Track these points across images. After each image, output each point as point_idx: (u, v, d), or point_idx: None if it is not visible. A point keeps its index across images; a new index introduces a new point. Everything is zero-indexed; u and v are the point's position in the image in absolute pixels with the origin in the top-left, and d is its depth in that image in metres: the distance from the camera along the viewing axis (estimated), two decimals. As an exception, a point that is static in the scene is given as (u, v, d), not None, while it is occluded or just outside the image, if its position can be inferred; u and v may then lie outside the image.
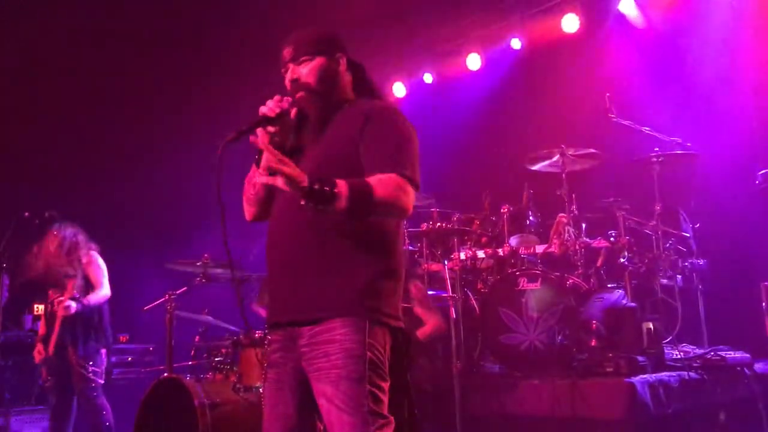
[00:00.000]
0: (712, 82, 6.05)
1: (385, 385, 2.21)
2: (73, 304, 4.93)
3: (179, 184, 7.20)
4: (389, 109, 2.37)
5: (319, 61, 2.38)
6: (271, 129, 2.31)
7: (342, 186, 2.05)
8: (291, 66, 2.40)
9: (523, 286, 4.84)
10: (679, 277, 5.28)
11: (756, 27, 5.87)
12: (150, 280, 6.31)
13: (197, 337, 5.41)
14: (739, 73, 5.90)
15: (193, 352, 5.33)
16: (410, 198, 2.21)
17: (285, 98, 2.33)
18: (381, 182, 2.13)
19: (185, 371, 5.13)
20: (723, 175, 5.69)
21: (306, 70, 2.37)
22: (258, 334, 4.31)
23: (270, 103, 2.30)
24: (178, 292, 5.07)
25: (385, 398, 2.20)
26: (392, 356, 2.25)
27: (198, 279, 5.17)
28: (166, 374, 4.57)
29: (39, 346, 5.10)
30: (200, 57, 7.07)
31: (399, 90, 8.18)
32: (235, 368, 4.56)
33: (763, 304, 4.46)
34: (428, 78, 8.07)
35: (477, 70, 7.65)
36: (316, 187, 2.02)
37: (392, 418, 2.19)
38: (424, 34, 7.33)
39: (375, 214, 2.15)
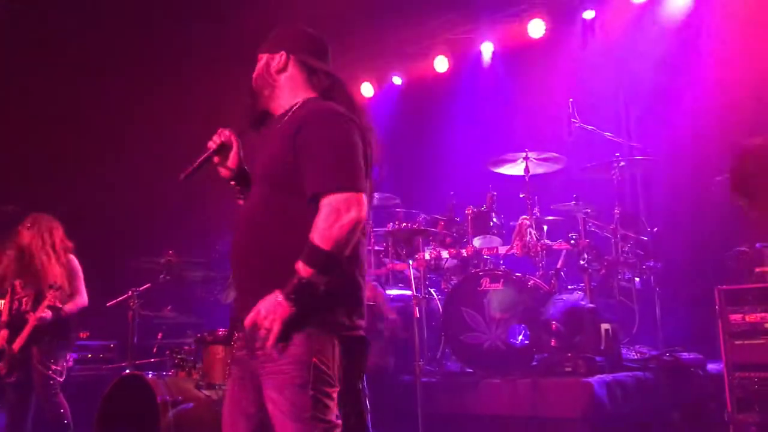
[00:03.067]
0: (673, 90, 6.21)
1: (333, 391, 2.22)
2: (49, 315, 4.85)
3: (140, 179, 7.13)
4: (321, 114, 2.32)
5: (261, 59, 2.45)
6: (216, 159, 2.49)
7: (301, 268, 2.14)
8: None
9: (485, 286, 4.91)
10: (636, 279, 5.41)
11: (719, 37, 6.01)
12: (111, 276, 6.24)
13: (160, 334, 5.38)
14: (701, 81, 6.05)
15: (155, 349, 5.30)
16: (352, 210, 2.18)
17: (223, 131, 2.48)
18: (321, 227, 2.16)
19: (147, 368, 5.09)
20: (681, 181, 5.85)
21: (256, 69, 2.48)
22: (221, 331, 4.30)
23: (214, 137, 2.48)
24: (141, 288, 5.03)
25: (332, 404, 2.21)
26: (346, 363, 2.26)
27: (162, 276, 5.13)
28: (128, 371, 4.54)
29: (3, 333, 5.00)
30: (163, 53, 7.01)
31: (367, 90, 8.22)
32: (198, 366, 4.54)
33: (716, 307, 4.58)
34: (397, 80, 8.12)
35: (445, 73, 7.73)
36: (292, 297, 2.13)
37: (339, 422, 2.21)
38: (392, 35, 7.36)
39: (343, 253, 2.18)
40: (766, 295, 4.37)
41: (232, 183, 2.53)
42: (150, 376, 4.32)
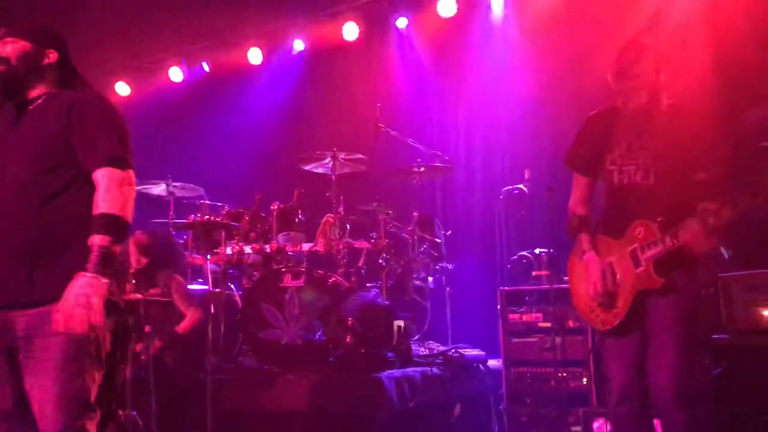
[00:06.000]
0: (472, 102, 6.60)
1: (99, 375, 2.23)
2: None
3: None
4: (92, 96, 2.50)
5: (24, 44, 2.52)
6: None
7: (98, 240, 2.20)
8: None
9: (287, 282, 4.92)
10: (430, 279, 5.70)
11: (522, 52, 6.44)
12: None
13: None
14: (504, 94, 6.45)
15: None
16: (131, 182, 2.38)
17: None
18: (107, 197, 2.28)
19: None
20: (473, 189, 6.25)
21: (9, 48, 2.50)
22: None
23: None
24: None
25: (95, 387, 2.22)
26: (112, 344, 2.30)
27: None
28: None
29: None
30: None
31: (175, 74, 7.88)
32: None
33: (498, 307, 4.96)
34: (206, 66, 7.87)
35: (258, 65, 7.62)
36: (101, 270, 2.16)
37: (99, 408, 2.22)
38: (204, 19, 7.12)
39: (130, 220, 2.33)
40: (542, 297, 4.81)
41: None
42: None
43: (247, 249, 5.56)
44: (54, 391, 2.12)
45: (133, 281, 4.14)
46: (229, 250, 5.48)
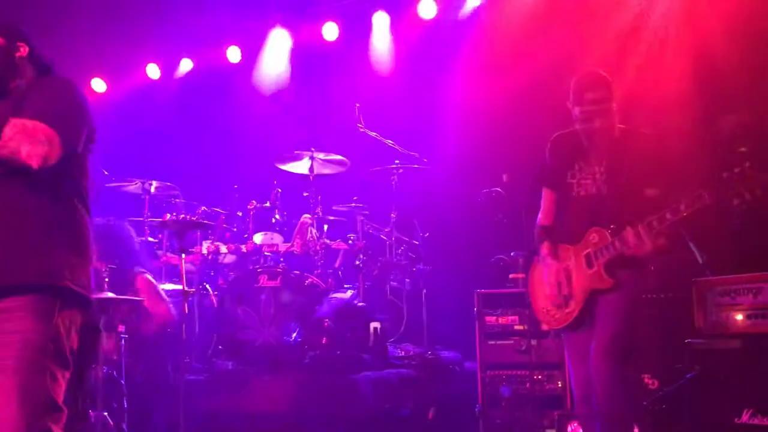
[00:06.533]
0: (450, 104, 6.60)
1: (65, 374, 2.18)
2: None
3: None
4: (53, 77, 2.49)
5: None
6: None
7: None
8: None
9: (263, 283, 4.89)
10: (407, 280, 5.69)
11: (499, 54, 6.43)
12: None
13: None
14: (469, 101, 6.47)
15: None
16: (51, 148, 2.17)
17: None
18: (21, 125, 2.13)
19: None
20: (451, 191, 6.23)
21: None
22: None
23: None
24: None
25: (61, 388, 2.16)
26: (80, 339, 2.25)
27: None
28: None
29: None
30: None
31: (153, 72, 7.78)
32: None
33: (475, 309, 4.95)
34: (187, 64, 7.79)
35: (237, 63, 7.56)
36: None
37: (65, 408, 2.16)
38: (182, 17, 7.03)
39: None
40: (518, 299, 4.80)
41: None
42: None
43: (223, 249, 5.53)
44: (15, 390, 2.05)
45: (106, 279, 4.07)
46: (204, 250, 5.44)
